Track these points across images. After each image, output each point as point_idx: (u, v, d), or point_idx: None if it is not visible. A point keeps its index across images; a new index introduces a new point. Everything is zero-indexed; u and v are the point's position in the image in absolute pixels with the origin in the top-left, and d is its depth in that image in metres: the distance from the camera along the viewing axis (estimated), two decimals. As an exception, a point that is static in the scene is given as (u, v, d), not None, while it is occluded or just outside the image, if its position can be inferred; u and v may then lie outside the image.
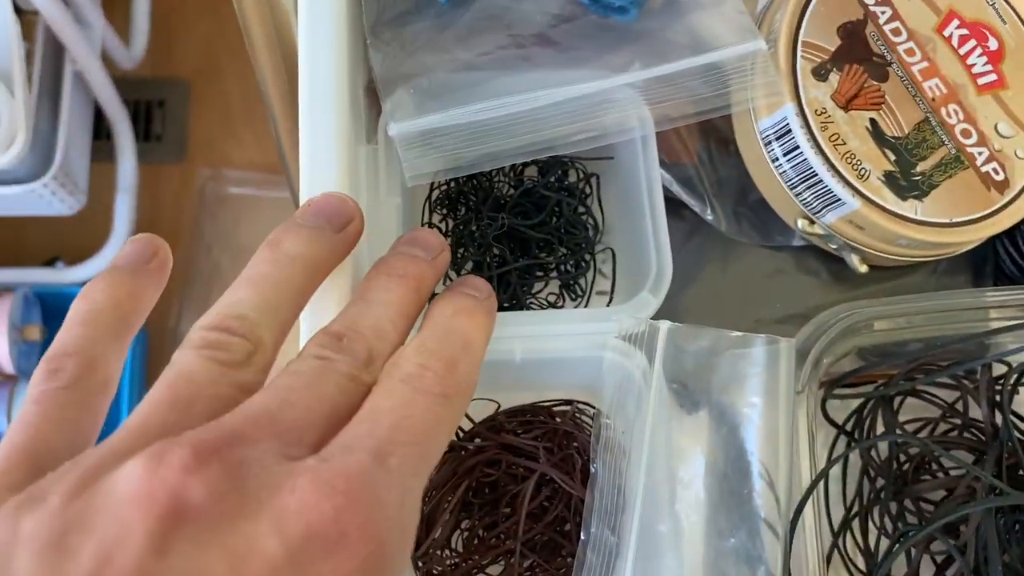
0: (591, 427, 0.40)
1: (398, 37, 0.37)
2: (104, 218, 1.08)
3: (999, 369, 0.41)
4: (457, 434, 0.41)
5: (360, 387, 0.24)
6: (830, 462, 0.35)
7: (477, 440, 0.40)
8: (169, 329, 1.14)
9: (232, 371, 0.23)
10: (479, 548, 0.39)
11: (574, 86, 0.36)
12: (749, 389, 0.32)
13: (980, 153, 0.39)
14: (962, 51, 0.40)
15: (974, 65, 0.40)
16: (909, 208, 0.38)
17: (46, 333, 1.06)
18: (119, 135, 1.06)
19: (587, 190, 0.44)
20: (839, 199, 0.38)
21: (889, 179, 0.38)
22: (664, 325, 0.34)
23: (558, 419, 0.40)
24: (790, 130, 0.38)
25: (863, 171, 0.38)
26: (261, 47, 0.77)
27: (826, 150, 0.37)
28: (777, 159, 0.39)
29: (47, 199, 0.95)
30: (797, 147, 0.38)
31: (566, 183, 0.44)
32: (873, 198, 0.37)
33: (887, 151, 0.38)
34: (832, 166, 0.37)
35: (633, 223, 0.40)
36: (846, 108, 0.38)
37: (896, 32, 0.40)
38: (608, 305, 0.43)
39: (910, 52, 0.40)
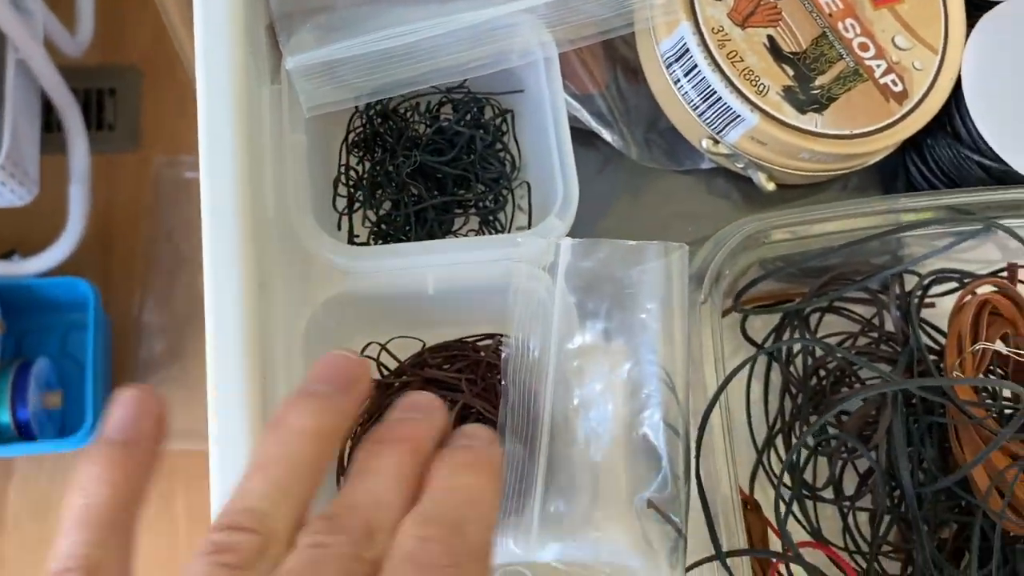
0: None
1: (294, -27, 0.38)
2: (60, 210, 1.07)
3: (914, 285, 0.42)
4: (381, 372, 0.41)
5: (365, 566, 0.22)
6: (739, 367, 0.36)
7: (404, 377, 0.41)
8: (132, 317, 1.13)
9: (244, 573, 0.21)
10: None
11: (472, 13, 0.36)
12: (645, 296, 0.32)
13: (878, 66, 0.39)
14: (858, -34, 0.41)
15: (870, -20, 0.40)
16: (809, 121, 0.38)
17: (4, 327, 1.05)
18: (68, 123, 1.05)
19: (503, 128, 0.44)
20: (739, 115, 0.38)
21: (788, 93, 0.38)
22: (565, 242, 0.34)
23: (482, 353, 0.41)
24: (688, 50, 0.38)
25: (762, 87, 0.38)
26: (181, 31, 0.76)
27: (724, 67, 0.38)
28: (679, 80, 0.39)
29: (-4, 189, 0.94)
30: (696, 66, 0.38)
31: (482, 120, 0.44)
32: (772, 112, 0.38)
33: (785, 66, 0.39)
34: (731, 83, 0.38)
35: (543, 151, 0.40)
36: (743, 26, 0.39)
37: (792, -50, 0.40)
38: (526, 238, 0.43)
39: (806, -31, 0.40)
